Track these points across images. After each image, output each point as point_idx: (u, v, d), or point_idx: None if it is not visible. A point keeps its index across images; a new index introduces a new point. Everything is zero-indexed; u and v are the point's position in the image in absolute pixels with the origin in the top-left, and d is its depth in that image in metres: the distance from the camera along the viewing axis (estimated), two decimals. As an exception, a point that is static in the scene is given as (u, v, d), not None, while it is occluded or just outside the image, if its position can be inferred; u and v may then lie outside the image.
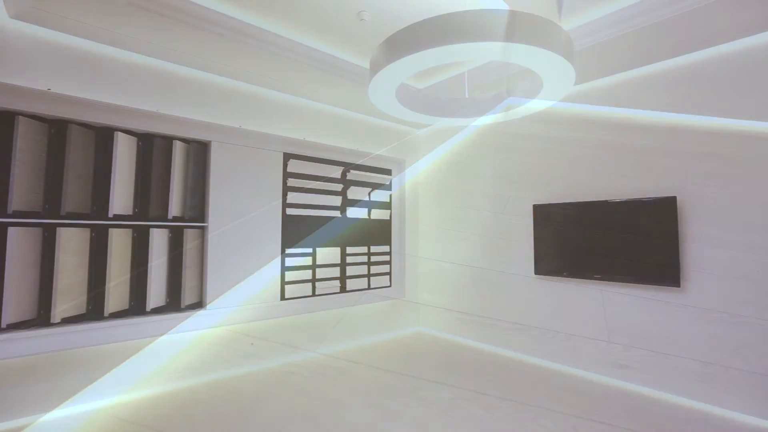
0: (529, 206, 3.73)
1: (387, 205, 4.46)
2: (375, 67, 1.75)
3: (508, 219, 3.92)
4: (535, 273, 3.61)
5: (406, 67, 1.65)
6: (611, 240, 3.10)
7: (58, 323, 2.46)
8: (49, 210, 2.48)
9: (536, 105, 2.12)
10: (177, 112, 3.08)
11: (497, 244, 4.01)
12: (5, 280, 2.28)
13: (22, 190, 2.36)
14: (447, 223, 4.55)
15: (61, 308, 2.44)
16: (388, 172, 4.49)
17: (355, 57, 3.34)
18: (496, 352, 3.87)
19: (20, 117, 2.36)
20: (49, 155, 2.50)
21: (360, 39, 3.04)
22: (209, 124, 3.05)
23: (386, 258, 4.40)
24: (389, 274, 4.41)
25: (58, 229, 2.45)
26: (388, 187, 4.48)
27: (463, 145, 4.42)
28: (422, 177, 4.95)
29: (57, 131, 2.53)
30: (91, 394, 2.66)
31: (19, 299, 2.34)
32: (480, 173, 4.22)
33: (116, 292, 2.68)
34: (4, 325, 2.27)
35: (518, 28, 1.45)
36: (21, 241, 2.35)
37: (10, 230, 2.30)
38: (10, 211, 2.30)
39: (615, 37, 2.65)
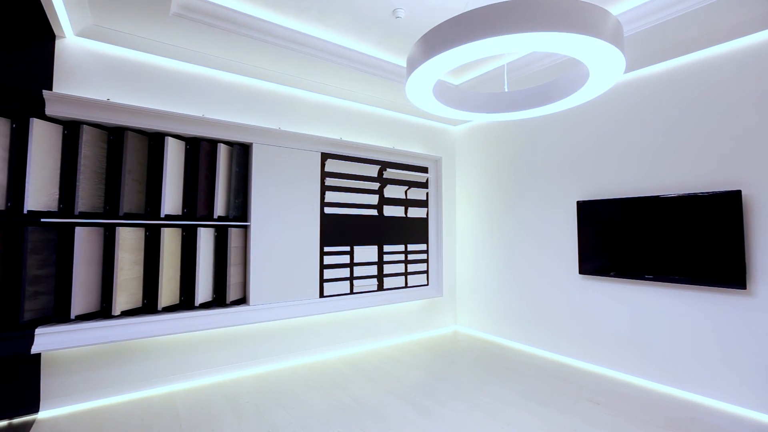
0: (573, 203, 3.57)
1: (424, 203, 4.43)
2: (412, 64, 1.73)
3: (550, 216, 3.77)
4: (580, 273, 3.45)
5: (445, 63, 1.62)
6: (664, 238, 2.89)
7: (118, 315, 2.65)
8: (109, 211, 2.68)
9: (581, 97, 2.01)
10: (221, 116, 3.22)
11: (539, 242, 3.87)
12: (74, 276, 2.49)
13: (87, 193, 2.56)
14: (485, 220, 4.45)
15: (120, 302, 2.63)
16: (424, 169, 4.45)
17: (391, 55, 3.33)
18: (537, 353, 3.74)
19: (84, 126, 2.56)
20: (109, 160, 2.69)
21: (395, 37, 3.03)
22: (250, 126, 3.17)
23: (423, 256, 4.37)
24: (426, 272, 4.38)
25: (117, 228, 2.64)
26: (425, 185, 4.44)
27: (502, 141, 4.30)
28: (459, 174, 4.87)
29: (115, 138, 2.72)
30: (159, 381, 2.86)
31: (85, 293, 2.55)
32: (520, 169, 4.09)
33: (168, 288, 2.84)
34: (73, 316, 2.48)
35: (564, 15, 1.39)
36: (86, 240, 2.56)
37: (77, 230, 2.51)
38: (76, 212, 2.51)
39: (668, 20, 2.46)
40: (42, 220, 2.42)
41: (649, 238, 2.98)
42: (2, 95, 2.32)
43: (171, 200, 2.86)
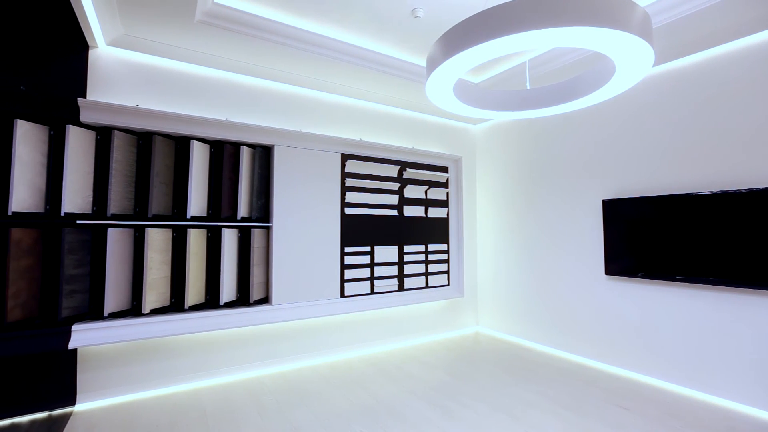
0: (598, 201, 3.47)
1: (444, 203, 4.40)
2: (433, 63, 1.72)
3: (574, 215, 3.68)
4: (606, 273, 3.35)
5: (466, 61, 1.60)
6: (698, 238, 2.77)
7: (148, 314, 2.74)
8: (139, 213, 2.78)
9: (608, 92, 1.96)
10: (243, 119, 3.29)
11: (562, 241, 3.78)
12: (106, 275, 2.59)
13: (118, 196, 2.67)
14: (507, 219, 4.38)
15: (150, 300, 2.72)
16: (444, 169, 4.42)
17: (410, 55, 3.33)
18: (560, 355, 3.65)
19: (115, 131, 2.67)
20: (138, 164, 2.80)
21: (414, 36, 3.02)
22: (272, 129, 3.22)
23: (444, 256, 4.34)
24: (447, 272, 4.35)
25: (146, 229, 2.74)
26: (445, 185, 4.41)
27: (524, 139, 4.22)
28: (480, 173, 4.81)
29: (144, 142, 2.82)
30: (186, 377, 2.95)
31: (116, 291, 2.66)
32: (542, 167, 4.01)
33: (194, 287, 2.93)
34: (106, 314, 2.59)
35: (590, 8, 1.35)
36: (117, 241, 2.66)
37: (110, 231, 2.62)
38: (109, 214, 2.62)
39: (699, 9, 2.36)
40: (77, 222, 2.54)
41: (681, 238, 2.86)
42: (41, 104, 2.44)
43: (196, 202, 2.94)
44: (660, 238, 2.98)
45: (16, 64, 2.51)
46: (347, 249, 3.65)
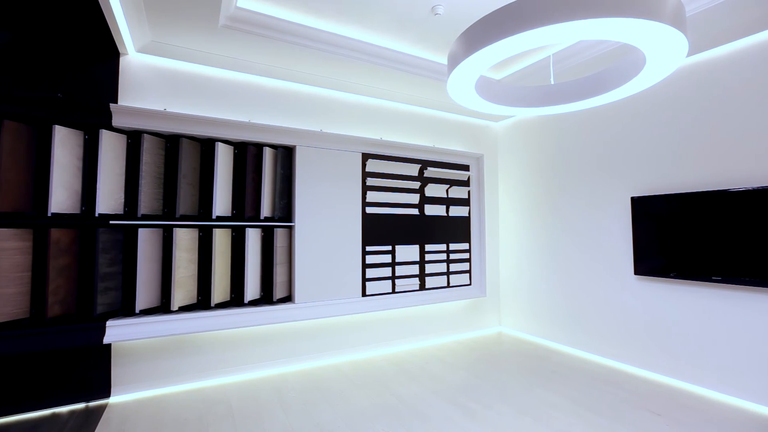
0: (626, 199, 3.35)
1: (466, 202, 4.35)
2: (454, 60, 1.70)
3: (600, 213, 3.57)
4: (635, 273, 3.23)
5: (489, 57, 1.58)
6: (736, 236, 2.64)
7: (176, 311, 2.83)
8: (167, 213, 2.88)
9: (638, 85, 1.88)
10: (266, 120, 3.35)
11: (588, 240, 3.67)
12: (138, 273, 2.69)
13: (147, 197, 2.76)
14: (531, 217, 4.30)
15: (178, 298, 2.81)
16: (466, 167, 4.37)
17: (430, 53, 3.30)
18: (587, 357, 3.56)
19: (145, 135, 2.76)
20: (166, 166, 2.89)
21: (434, 34, 3.00)
22: (293, 129, 3.27)
23: (466, 255, 4.29)
24: (469, 272, 4.30)
25: (174, 229, 2.83)
26: (467, 183, 4.36)
27: (547, 135, 4.12)
28: (502, 171, 4.73)
29: (172, 145, 2.91)
30: (213, 373, 3.03)
31: (147, 289, 2.76)
32: (567, 164, 3.90)
33: (220, 285, 3.00)
34: (137, 311, 2.69)
35: None
36: (147, 240, 2.76)
37: (140, 231, 2.71)
38: (139, 214, 2.72)
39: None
40: (110, 222, 2.64)
41: (718, 237, 2.73)
42: (77, 110, 2.55)
43: (221, 202, 3.01)
44: (694, 236, 2.86)
45: (54, 73, 2.64)
46: (368, 248, 3.66)
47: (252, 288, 3.12)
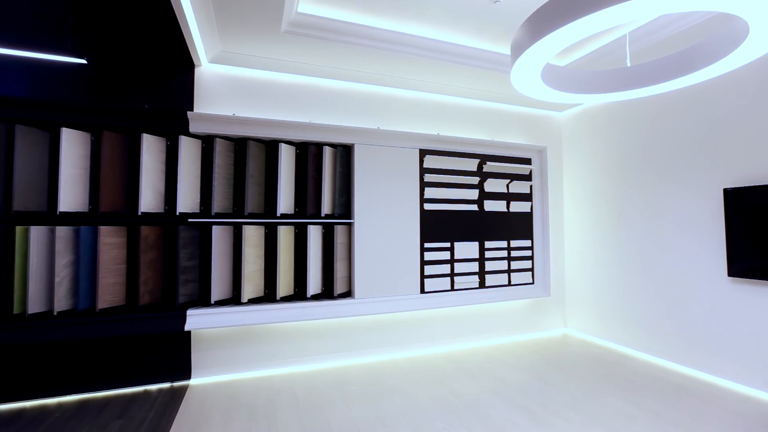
0: (718, 191, 2.98)
1: (527, 197, 4.15)
2: (518, 48, 1.62)
3: (684, 207, 3.21)
4: (729, 275, 2.87)
5: (558, 42, 1.48)
6: None
7: (246, 303, 3.03)
8: (237, 211, 3.09)
9: (736, 61, 1.66)
10: (325, 120, 3.45)
11: (670, 237, 3.32)
12: (212, 267, 2.92)
13: (219, 197, 2.99)
14: (599, 213, 3.99)
15: (247, 290, 3.01)
16: (527, 161, 4.17)
17: (489, 43, 3.19)
18: (667, 366, 3.23)
19: (217, 138, 2.98)
20: (236, 167, 3.10)
21: (494, 23, 2.89)
22: (352, 128, 3.33)
23: (528, 253, 4.10)
24: (531, 270, 4.11)
25: (243, 226, 3.03)
26: (528, 177, 4.16)
27: (619, 124, 3.79)
28: (567, 164, 4.45)
29: (240, 147, 3.11)
30: (279, 362, 3.22)
31: (220, 282, 2.98)
32: (643, 154, 3.56)
33: (284, 280, 3.16)
34: (212, 302, 2.92)
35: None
36: (220, 237, 2.98)
37: (214, 228, 2.94)
38: (213, 213, 2.94)
39: None
40: (189, 220, 2.89)
41: (836, 233, 2.33)
42: (160, 118, 2.82)
43: (285, 200, 3.16)
44: (805, 233, 2.47)
45: (141, 86, 2.94)
46: (427, 245, 3.63)
47: (314, 283, 3.25)
